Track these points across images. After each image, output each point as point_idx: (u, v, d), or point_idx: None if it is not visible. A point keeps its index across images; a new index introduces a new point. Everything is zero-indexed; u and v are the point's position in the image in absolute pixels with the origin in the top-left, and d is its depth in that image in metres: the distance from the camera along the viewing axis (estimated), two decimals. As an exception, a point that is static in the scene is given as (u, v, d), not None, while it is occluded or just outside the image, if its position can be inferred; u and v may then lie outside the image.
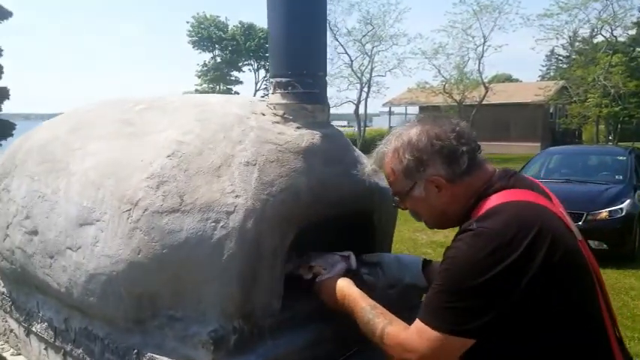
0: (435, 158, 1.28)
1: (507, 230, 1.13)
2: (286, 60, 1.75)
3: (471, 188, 1.29)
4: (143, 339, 1.53)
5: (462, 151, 1.27)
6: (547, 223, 1.18)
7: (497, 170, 1.35)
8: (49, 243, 1.69)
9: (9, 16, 22.60)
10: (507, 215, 1.18)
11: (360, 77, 31.44)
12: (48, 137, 1.93)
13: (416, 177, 1.31)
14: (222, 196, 1.46)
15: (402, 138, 1.32)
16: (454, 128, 1.29)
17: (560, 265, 1.14)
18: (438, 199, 1.32)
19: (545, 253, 1.12)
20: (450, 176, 1.28)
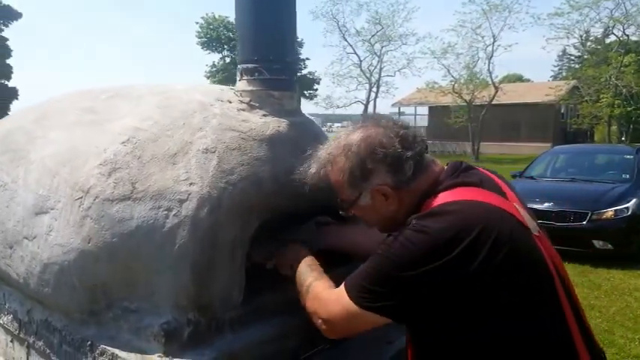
0: (379, 167, 1.23)
1: (446, 232, 1.10)
2: (253, 45, 1.70)
3: (418, 192, 1.25)
4: (98, 331, 1.49)
5: (407, 156, 1.22)
6: (491, 222, 1.13)
7: (445, 167, 1.31)
8: (8, 233, 1.66)
9: (18, 17, 22.83)
10: (449, 216, 1.14)
11: (368, 77, 31.46)
12: (13, 126, 1.90)
13: (361, 187, 1.26)
14: (175, 184, 1.41)
15: (343, 146, 1.27)
16: (398, 132, 1.24)
17: (505, 262, 1.10)
18: (385, 207, 1.28)
19: (487, 252, 1.09)
20: (396, 184, 1.24)
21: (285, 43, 1.72)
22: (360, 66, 31.49)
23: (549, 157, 9.26)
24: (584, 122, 25.79)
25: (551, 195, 7.39)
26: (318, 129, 1.85)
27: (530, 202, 7.30)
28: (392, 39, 30.53)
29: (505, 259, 1.10)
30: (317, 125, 1.88)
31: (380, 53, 30.93)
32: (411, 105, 34.36)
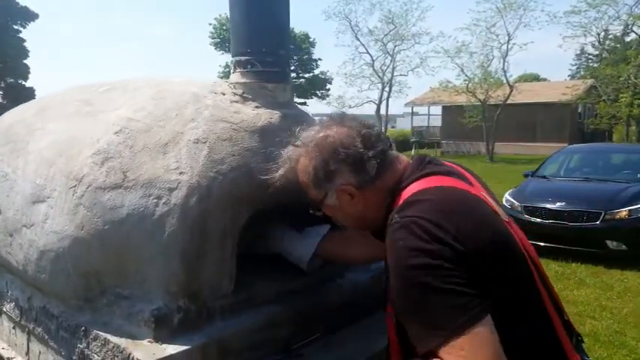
0: (341, 167, 1.24)
1: (432, 213, 1.08)
2: (245, 38, 1.73)
3: (384, 190, 1.25)
4: (92, 317, 1.52)
5: (369, 156, 1.22)
6: (470, 202, 1.14)
7: (410, 162, 1.31)
8: (8, 221, 1.70)
9: (35, 18, 23.24)
10: (428, 200, 1.13)
11: (381, 77, 31.35)
12: (15, 119, 1.95)
13: (325, 187, 1.27)
14: (165, 173, 1.44)
15: (304, 148, 1.28)
16: (360, 131, 1.24)
17: (488, 242, 1.09)
18: (352, 207, 1.28)
19: (474, 229, 1.07)
20: (359, 183, 1.24)
21: (277, 36, 1.74)
22: (373, 65, 31.43)
23: (563, 157, 9.15)
24: (601, 122, 25.39)
25: (564, 194, 7.31)
26: (310, 120, 1.86)
27: (543, 201, 7.23)
28: (405, 38, 30.42)
29: (488, 238, 1.10)
30: (310, 117, 1.89)
31: (393, 52, 30.85)
32: (424, 104, 34.16)
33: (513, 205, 7.50)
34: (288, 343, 1.63)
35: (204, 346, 1.41)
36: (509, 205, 7.56)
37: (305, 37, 37.19)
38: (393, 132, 37.40)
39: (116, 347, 1.39)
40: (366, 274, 1.90)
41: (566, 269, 6.30)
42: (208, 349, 1.42)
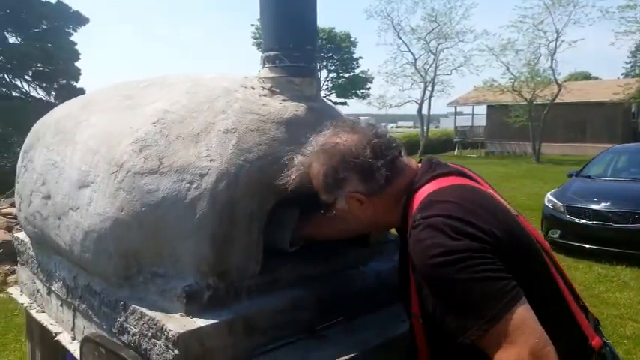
0: (350, 176, 1.29)
1: (454, 210, 1.13)
2: (274, 34, 1.82)
3: (395, 195, 1.30)
4: (130, 293, 1.65)
5: (378, 166, 1.27)
6: (485, 198, 1.21)
7: (419, 165, 1.36)
8: (57, 205, 1.86)
9: (86, 23, 24.27)
10: (448, 199, 1.18)
11: (423, 76, 30.99)
12: (63, 113, 2.11)
13: (335, 193, 1.33)
14: (197, 160, 1.55)
15: (317, 154, 1.33)
16: (370, 141, 1.29)
17: (505, 234, 1.14)
18: (362, 212, 1.34)
19: (495, 222, 1.13)
20: (368, 191, 1.29)
21: (304, 32, 1.83)
22: (415, 64, 31.11)
23: (609, 157, 8.87)
24: (656, 122, 24.28)
25: (610, 195, 7.10)
26: (336, 113, 1.94)
27: (587, 202, 7.05)
28: (448, 36, 29.96)
29: (507, 230, 1.15)
30: (335, 110, 1.97)
31: (436, 51, 30.44)
32: (468, 104, 33.55)
33: (555, 206, 7.34)
34: (311, 325, 1.72)
35: (231, 322, 1.51)
36: (551, 206, 7.40)
37: (346, 36, 37.22)
38: (436, 132, 36.89)
39: (151, 320, 1.51)
40: (388, 264, 1.96)
41: (610, 271, 6.13)
42: (235, 325, 1.51)
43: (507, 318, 1.02)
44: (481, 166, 20.32)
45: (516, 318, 1.02)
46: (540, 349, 1.01)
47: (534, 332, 1.02)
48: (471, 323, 1.05)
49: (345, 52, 37.79)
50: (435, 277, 1.10)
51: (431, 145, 31.21)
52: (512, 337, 1.02)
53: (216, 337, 1.47)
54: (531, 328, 1.03)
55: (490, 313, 1.03)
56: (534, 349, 1.01)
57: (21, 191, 2.23)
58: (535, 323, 1.04)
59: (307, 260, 1.84)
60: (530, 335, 1.02)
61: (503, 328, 1.02)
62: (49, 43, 22.72)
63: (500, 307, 1.03)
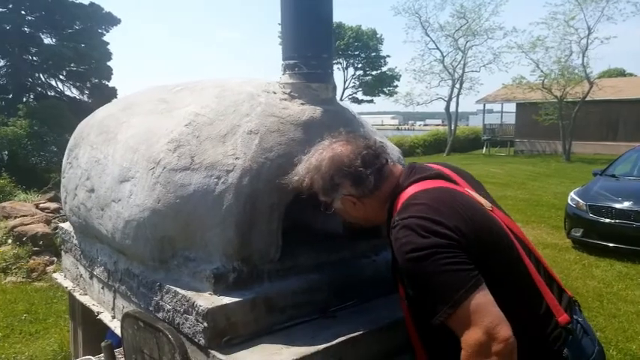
0: (344, 181, 1.52)
1: (426, 212, 1.33)
2: (293, 44, 2.01)
3: (384, 197, 1.53)
4: (165, 275, 1.87)
5: (367, 174, 1.50)
6: (456, 198, 1.39)
7: (403, 170, 1.57)
8: (100, 198, 2.09)
9: (118, 23, 24.95)
10: (421, 202, 1.38)
11: (451, 73, 30.79)
12: (106, 114, 2.35)
13: (332, 195, 1.56)
14: (224, 158, 1.76)
15: (314, 163, 1.55)
16: (360, 152, 1.51)
17: (477, 226, 1.33)
18: (355, 211, 1.58)
19: (461, 220, 1.32)
20: (360, 194, 1.53)
21: (321, 42, 2.01)
22: (443, 62, 30.93)
23: (636, 155, 8.72)
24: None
25: (633, 194, 7.05)
26: (350, 115, 2.12)
27: (610, 200, 7.02)
28: (477, 33, 29.67)
29: (473, 226, 1.33)
30: (350, 112, 2.15)
31: (464, 48, 30.20)
32: (496, 101, 33.08)
33: (578, 204, 7.33)
34: (326, 306, 1.91)
35: (253, 300, 1.71)
36: (574, 204, 7.39)
37: (372, 33, 37.24)
38: (465, 130, 36.49)
39: (183, 298, 1.72)
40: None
41: (631, 270, 6.13)
42: (257, 303, 1.71)
43: (467, 303, 1.22)
44: (509, 165, 20.16)
45: (474, 303, 1.22)
46: (493, 327, 1.20)
47: (489, 314, 1.21)
48: (439, 308, 1.25)
49: (371, 50, 37.79)
50: (410, 270, 1.31)
51: (459, 142, 31.00)
52: (472, 319, 1.22)
53: (240, 313, 1.67)
54: (486, 310, 1.22)
55: (452, 299, 1.23)
56: (488, 328, 1.20)
57: (67, 185, 2.48)
58: (490, 306, 1.23)
59: (323, 249, 2.03)
60: (484, 317, 1.21)
61: (464, 312, 1.22)
62: (82, 44, 23.47)
63: (461, 294, 1.22)
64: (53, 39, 23.90)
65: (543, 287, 1.39)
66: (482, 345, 1.20)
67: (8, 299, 4.97)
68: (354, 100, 39.37)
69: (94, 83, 24.85)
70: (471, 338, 1.21)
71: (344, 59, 37.22)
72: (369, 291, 2.01)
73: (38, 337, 4.16)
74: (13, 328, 4.34)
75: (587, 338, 1.44)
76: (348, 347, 1.69)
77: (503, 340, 1.19)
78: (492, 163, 21.26)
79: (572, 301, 1.49)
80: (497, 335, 1.19)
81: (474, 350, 1.21)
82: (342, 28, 36.10)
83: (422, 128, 66.79)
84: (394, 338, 1.81)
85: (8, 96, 22.03)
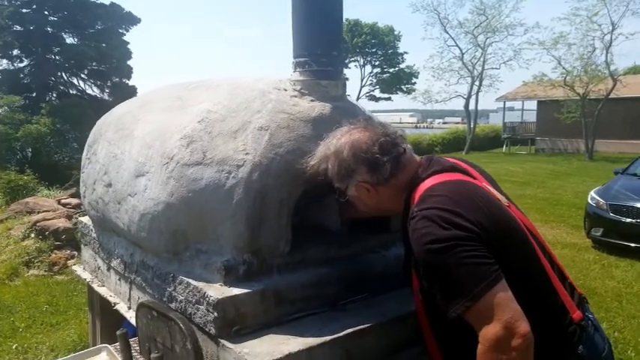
0: (359, 167, 1.52)
1: (446, 203, 1.33)
2: (303, 42, 2.05)
3: (399, 187, 1.52)
4: (179, 267, 1.93)
5: (384, 161, 1.50)
6: (476, 191, 1.39)
7: (422, 161, 1.57)
8: (117, 192, 2.16)
9: (137, 22, 25.29)
10: (442, 193, 1.38)
11: (471, 70, 30.50)
12: (123, 111, 2.42)
13: (347, 181, 1.57)
14: (234, 153, 1.80)
15: (331, 148, 1.56)
16: (378, 139, 1.51)
17: (496, 220, 1.34)
18: (369, 199, 1.58)
19: (481, 213, 1.32)
20: (375, 182, 1.53)
21: (331, 40, 2.05)
22: (462, 59, 30.65)
23: (659, 153, 8.58)
24: None
25: (655, 193, 6.93)
26: (360, 112, 2.14)
27: (631, 199, 6.92)
28: (497, 30, 29.34)
29: (493, 220, 1.34)
30: (360, 109, 2.18)
31: (484, 45, 29.87)
32: (517, 99, 32.64)
33: (598, 204, 7.24)
34: (336, 300, 1.94)
35: (263, 292, 1.75)
36: (594, 203, 7.30)
37: (389, 30, 37.07)
38: (484, 127, 36.09)
39: (195, 288, 1.77)
40: (407, 248, 2.15)
41: (652, 270, 6.05)
42: (266, 295, 1.76)
43: (487, 297, 1.22)
44: (529, 164, 19.92)
45: (494, 297, 1.22)
46: (513, 323, 1.20)
47: (509, 309, 1.21)
48: (457, 300, 1.25)
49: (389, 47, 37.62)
50: (428, 261, 1.31)
51: (478, 141, 30.69)
52: (491, 313, 1.22)
53: (249, 304, 1.71)
54: (506, 305, 1.22)
55: (472, 292, 1.23)
56: (508, 323, 1.20)
57: (86, 180, 2.56)
58: (510, 302, 1.23)
59: (333, 244, 2.06)
60: (504, 312, 1.21)
61: (484, 305, 1.22)
62: (104, 43, 23.88)
63: (481, 288, 1.22)
64: (75, 39, 24.35)
65: (558, 284, 1.40)
66: (501, 339, 1.20)
67: (31, 292, 5.12)
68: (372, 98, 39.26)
69: (114, 82, 25.25)
70: (490, 332, 1.21)
71: (361, 57, 37.15)
72: (379, 285, 2.04)
73: (59, 328, 4.29)
74: (35, 319, 4.48)
75: (597, 335, 1.45)
76: (356, 339, 1.73)
77: (522, 335, 1.19)
78: (512, 161, 21.03)
79: (582, 298, 1.50)
80: (517, 330, 1.19)
81: (491, 345, 1.21)
82: (358, 25, 36.01)
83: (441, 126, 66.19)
84: (403, 331, 1.84)
85: (32, 94, 22.51)
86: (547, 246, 1.48)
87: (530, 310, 1.26)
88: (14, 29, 22.03)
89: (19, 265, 5.70)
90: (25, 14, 22.24)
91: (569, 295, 1.43)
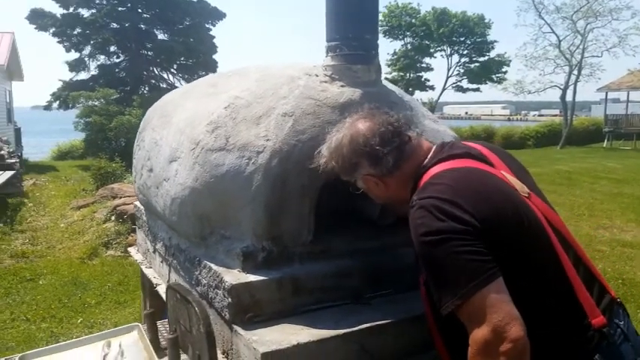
0: (362, 161, 1.47)
1: (446, 193, 1.24)
2: (335, 25, 1.98)
3: (406, 176, 1.45)
4: (205, 251, 1.95)
5: (384, 152, 1.43)
6: (483, 180, 1.29)
7: (433, 147, 1.47)
8: (156, 176, 2.23)
9: (223, 17, 26.18)
10: (443, 182, 1.29)
11: (569, 59, 28.49)
12: (168, 99, 2.49)
13: (352, 175, 1.53)
14: (256, 139, 1.79)
15: (333, 144, 1.53)
16: (378, 130, 1.44)
17: (504, 211, 1.23)
18: (379, 191, 1.53)
19: (485, 203, 1.22)
20: (379, 174, 1.47)
21: (364, 23, 1.97)
22: (559, 46, 28.64)
23: None
24: None
25: None
26: (395, 98, 2.05)
27: None
28: (600, 14, 27.09)
29: (498, 210, 1.23)
30: (395, 94, 2.08)
31: (584, 31, 27.71)
32: (621, 89, 29.99)
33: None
34: (359, 293, 1.88)
35: (280, 280, 1.73)
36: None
37: (479, 19, 35.49)
38: (584, 120, 33.55)
39: (215, 273, 1.79)
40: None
41: None
42: (283, 283, 1.73)
43: (477, 297, 1.12)
44: (631, 160, 18.31)
45: (485, 298, 1.12)
46: (503, 326, 1.10)
47: (500, 311, 1.11)
48: (447, 298, 1.17)
49: (478, 36, 36.08)
50: (422, 253, 1.24)
51: (576, 134, 28.62)
52: (480, 314, 1.12)
53: (265, 291, 1.70)
54: (498, 307, 1.11)
55: (461, 290, 1.14)
56: (497, 326, 1.10)
57: (136, 166, 2.67)
58: (502, 303, 1.12)
59: (361, 235, 2.00)
60: (495, 314, 1.11)
61: (473, 306, 1.13)
62: (191, 38, 25.01)
63: (472, 287, 1.13)
64: (165, 34, 25.72)
65: (578, 285, 1.25)
66: (489, 344, 1.11)
67: (105, 271, 5.50)
68: (459, 89, 37.86)
69: (201, 75, 26.11)
70: (478, 335, 1.13)
71: (447, 46, 35.92)
72: (408, 281, 1.94)
73: (125, 305, 4.57)
74: (105, 296, 4.81)
75: (627, 345, 1.28)
76: (373, 335, 1.66)
77: (512, 340, 1.09)
78: (612, 157, 19.44)
79: (616, 303, 1.33)
80: (507, 335, 1.10)
81: (478, 348, 1.13)
82: (446, 14, 34.82)
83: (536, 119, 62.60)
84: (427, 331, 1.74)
85: (126, 88, 24.09)
86: (574, 242, 1.33)
87: (536, 309, 1.17)
88: (111, 27, 23.67)
89: (99, 246, 6.15)
90: (121, 12, 23.80)
91: (596, 299, 1.28)
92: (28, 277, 5.23)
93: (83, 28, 23.28)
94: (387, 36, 34.97)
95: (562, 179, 12.84)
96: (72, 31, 23.33)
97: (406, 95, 2.22)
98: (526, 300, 1.17)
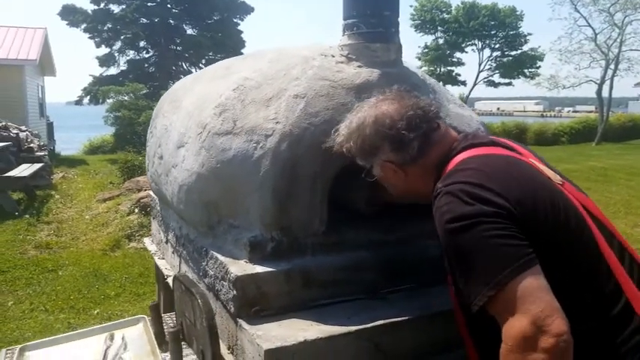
0: (383, 144, 1.33)
1: (473, 176, 1.13)
2: (352, 2, 1.86)
3: (429, 166, 1.31)
4: (213, 241, 1.85)
5: (410, 138, 1.29)
6: (511, 165, 1.18)
7: (458, 137, 1.35)
8: (166, 163, 2.14)
9: (251, 12, 26.24)
10: (470, 167, 1.18)
11: (605, 53, 27.50)
12: (180, 84, 2.41)
13: (370, 160, 1.39)
14: (264, 122, 1.68)
15: (355, 123, 1.39)
16: (406, 112, 1.30)
17: (537, 197, 1.11)
18: (397, 180, 1.38)
19: (516, 187, 1.11)
20: (400, 161, 1.33)
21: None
22: (595, 40, 27.64)
23: None
24: None
25: None
26: (417, 80, 1.91)
27: None
28: (639, 6, 26.07)
29: (530, 195, 1.11)
30: (417, 76, 1.94)
31: (622, 24, 26.67)
32: (660, 84, 28.90)
33: None
34: (376, 287, 1.75)
35: (289, 272, 1.62)
36: None
37: (510, 11, 34.58)
38: (620, 117, 32.37)
39: (221, 264, 1.69)
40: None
41: None
42: (292, 276, 1.62)
43: (513, 285, 0.99)
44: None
45: (523, 286, 0.98)
46: (544, 318, 0.95)
47: (540, 301, 0.97)
48: (478, 289, 1.03)
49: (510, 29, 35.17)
50: (449, 243, 1.11)
51: (612, 131, 27.63)
52: (517, 305, 0.98)
53: (272, 283, 1.59)
54: (537, 296, 0.97)
55: (494, 279, 1.00)
56: (537, 318, 0.96)
57: (148, 153, 2.60)
58: (543, 292, 0.98)
59: (380, 227, 1.87)
60: (534, 304, 0.97)
61: (508, 295, 0.99)
62: (219, 33, 25.15)
63: (506, 274, 0.99)
64: (194, 29, 25.92)
65: (624, 279, 1.11)
66: (528, 338, 0.96)
67: (127, 262, 5.50)
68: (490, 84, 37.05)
69: (228, 70, 26.52)
70: (514, 328, 0.98)
71: (478, 40, 35.12)
72: (431, 275, 1.81)
73: (145, 298, 4.54)
74: (125, 288, 4.79)
75: None
76: (387, 332, 1.54)
77: (555, 334, 0.95)
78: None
79: None
80: (548, 328, 0.95)
81: (515, 343, 0.98)
82: (476, 7, 34.07)
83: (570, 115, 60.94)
84: (449, 330, 1.61)
85: (155, 83, 24.37)
86: (616, 233, 1.20)
87: (575, 303, 1.03)
88: (141, 22, 24.00)
89: (122, 238, 6.16)
90: (150, 8, 24.12)
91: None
92: (50, 268, 5.27)
93: (113, 23, 23.69)
94: (418, 30, 34.46)
95: (597, 176, 12.40)
96: (102, 26, 23.78)
97: (429, 78, 2.07)
98: (564, 293, 1.03)
